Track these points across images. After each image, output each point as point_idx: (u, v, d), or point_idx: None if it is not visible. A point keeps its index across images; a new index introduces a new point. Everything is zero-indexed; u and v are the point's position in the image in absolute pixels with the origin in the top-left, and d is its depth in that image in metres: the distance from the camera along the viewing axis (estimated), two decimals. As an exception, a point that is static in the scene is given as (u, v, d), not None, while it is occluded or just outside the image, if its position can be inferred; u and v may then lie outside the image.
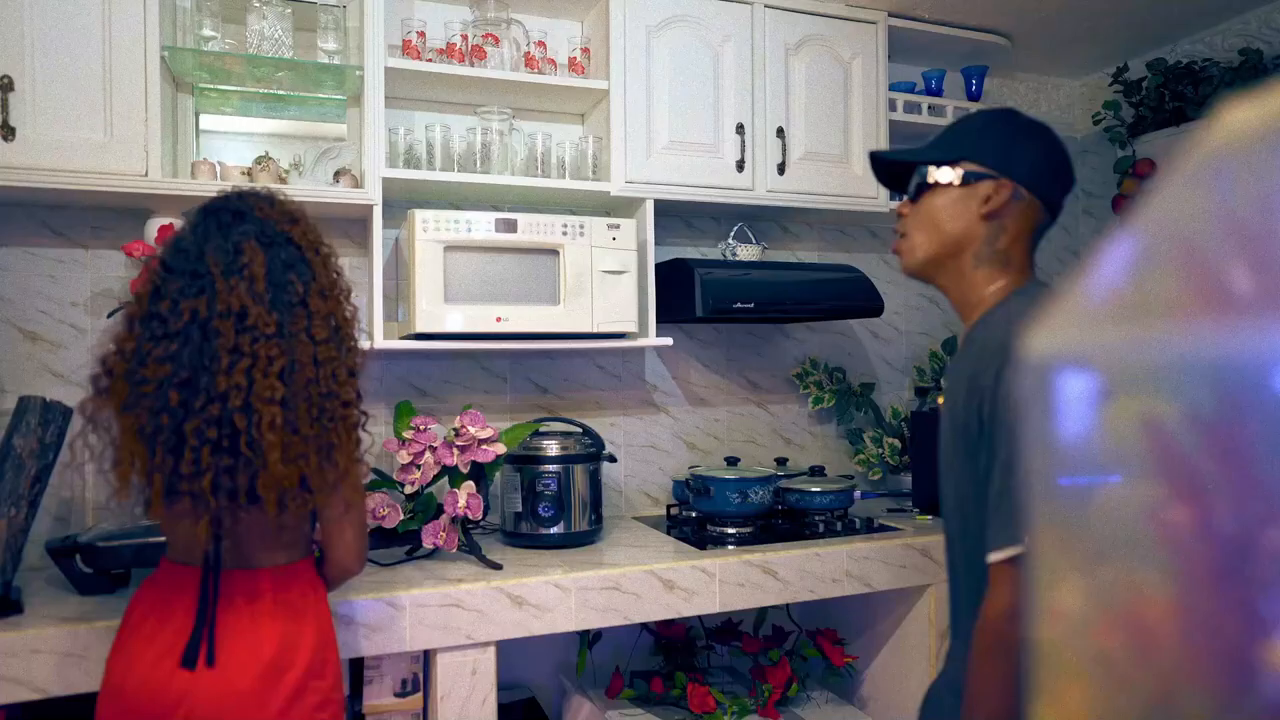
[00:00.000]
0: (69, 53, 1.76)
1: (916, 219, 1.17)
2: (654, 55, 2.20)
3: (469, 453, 1.82)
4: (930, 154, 1.17)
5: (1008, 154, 1.13)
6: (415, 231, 1.90)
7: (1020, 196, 1.12)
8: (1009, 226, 1.12)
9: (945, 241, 1.14)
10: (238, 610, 1.26)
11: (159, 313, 1.15)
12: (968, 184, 1.13)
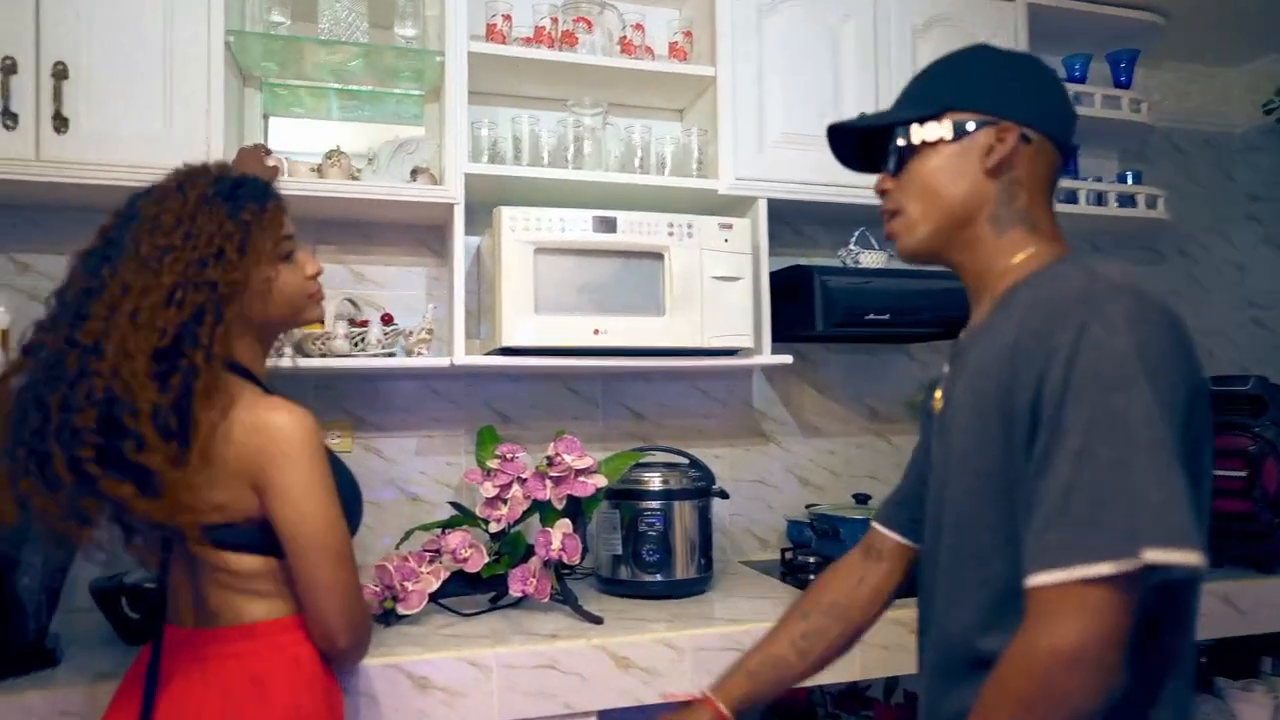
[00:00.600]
0: (127, 37, 1.59)
1: (906, 190, 0.96)
2: (765, 37, 1.95)
3: (564, 485, 1.55)
4: (906, 111, 0.96)
5: (1000, 92, 0.92)
6: (502, 231, 1.66)
7: (1028, 139, 0.92)
8: (1023, 179, 0.92)
9: (949, 209, 0.93)
10: (180, 683, 1.05)
11: None
12: (961, 137, 0.92)
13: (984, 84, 0.93)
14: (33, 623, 1.34)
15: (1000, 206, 0.92)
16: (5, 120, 1.52)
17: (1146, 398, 0.73)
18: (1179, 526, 0.70)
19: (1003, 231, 0.93)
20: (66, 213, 1.78)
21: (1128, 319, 0.75)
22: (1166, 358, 0.76)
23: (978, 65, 0.95)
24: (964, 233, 0.94)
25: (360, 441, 1.94)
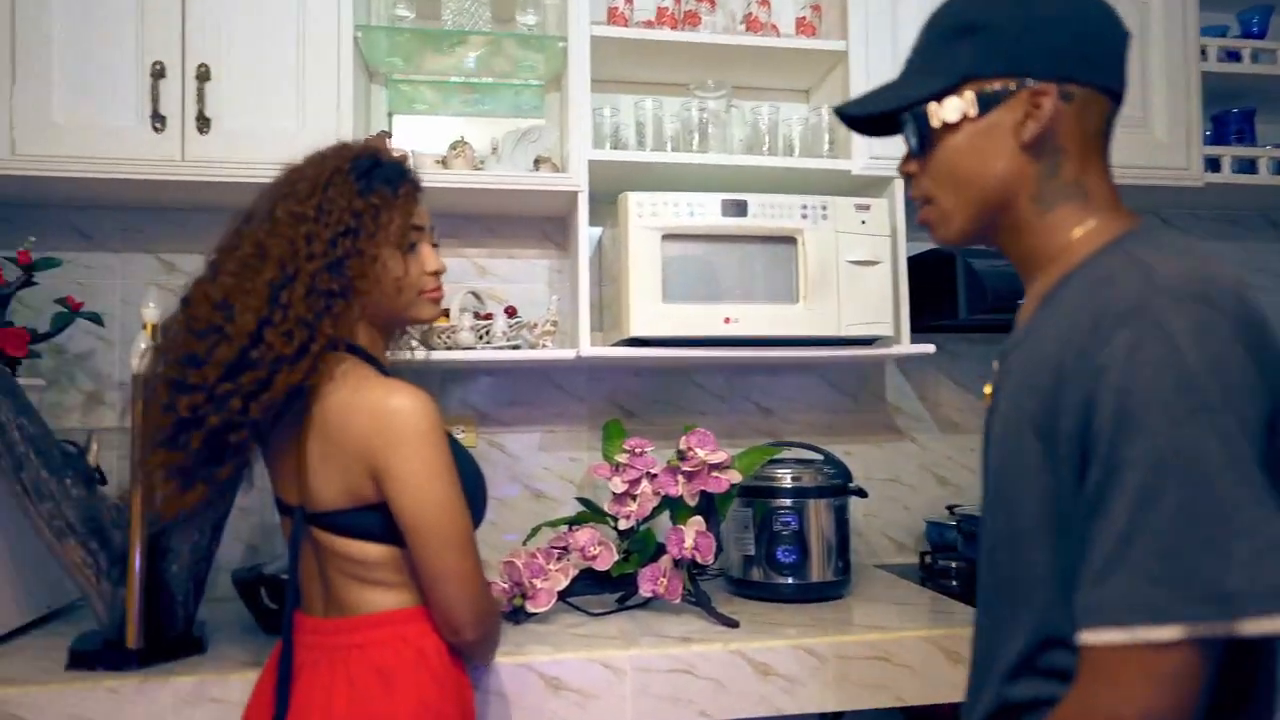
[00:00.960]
0: (263, 36, 1.62)
1: (935, 176, 0.81)
2: (900, 7, 1.83)
3: (697, 481, 1.48)
4: (920, 86, 0.80)
5: (1027, 42, 0.75)
6: (629, 217, 1.61)
7: (1070, 96, 0.75)
8: (1069, 146, 0.76)
9: (985, 196, 0.79)
10: (310, 674, 1.03)
11: None
12: (988, 110, 0.77)
13: (1005, 35, 0.76)
14: (181, 610, 1.37)
15: (1043, 183, 0.77)
16: (154, 123, 1.57)
17: (1227, 428, 0.60)
18: (1276, 587, 0.58)
19: (1049, 209, 0.78)
20: (208, 213, 1.84)
21: (1195, 332, 0.62)
22: (1246, 374, 0.62)
23: (1002, 9, 0.77)
24: (1006, 216, 0.79)
25: (484, 436, 1.92)
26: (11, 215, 1.78)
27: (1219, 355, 0.62)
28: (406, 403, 1.00)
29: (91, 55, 1.57)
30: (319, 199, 1.02)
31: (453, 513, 1.02)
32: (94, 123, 1.56)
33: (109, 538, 1.33)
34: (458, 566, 1.01)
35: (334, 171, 1.05)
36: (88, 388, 1.82)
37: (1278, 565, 0.58)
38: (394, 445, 0.99)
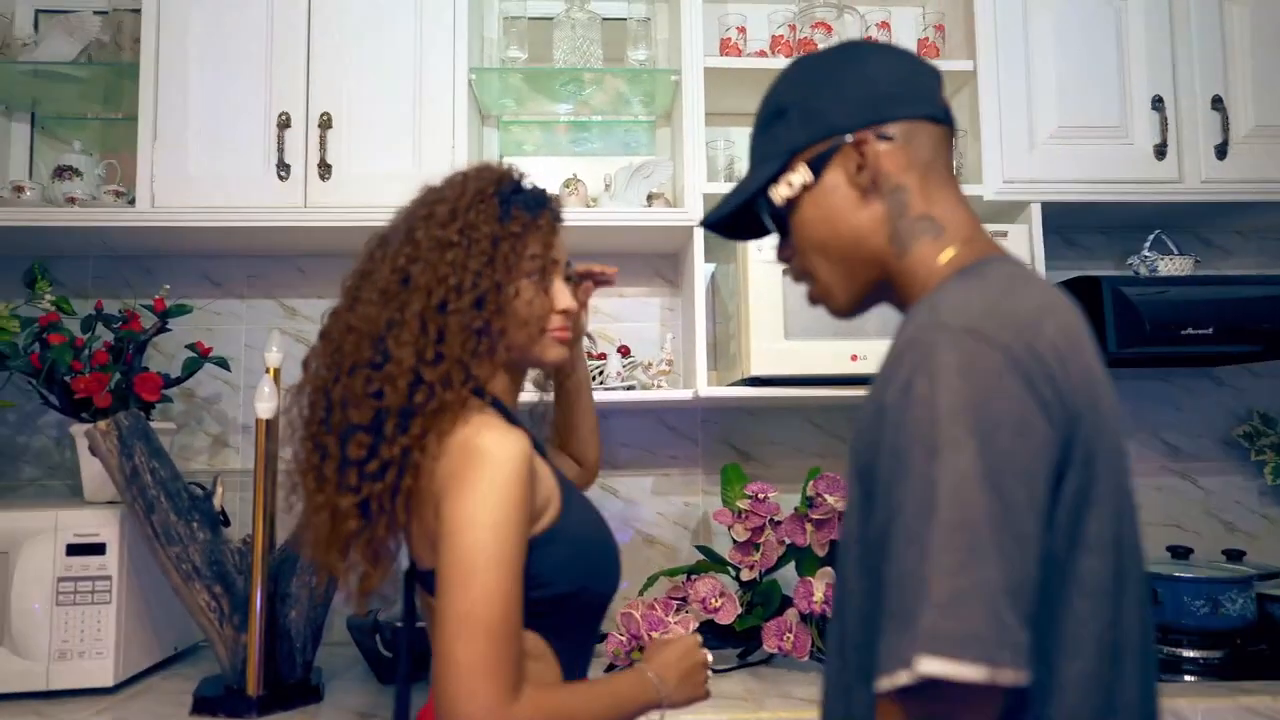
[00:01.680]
0: (382, 85, 1.64)
1: (804, 253, 0.81)
2: (1032, 23, 1.72)
3: (827, 529, 1.39)
4: (758, 178, 0.80)
5: (833, 104, 0.77)
6: (748, 251, 1.54)
7: (888, 136, 0.75)
8: (905, 181, 0.75)
9: (848, 252, 0.77)
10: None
11: None
12: (821, 172, 0.77)
13: (811, 105, 0.77)
14: (300, 657, 1.36)
15: (894, 224, 0.75)
16: (280, 171, 1.61)
17: (964, 465, 0.57)
18: (962, 632, 0.53)
19: (907, 249, 0.75)
20: (327, 259, 1.88)
21: (960, 367, 0.60)
22: (1015, 408, 0.59)
23: (798, 89, 0.79)
24: (877, 271, 0.77)
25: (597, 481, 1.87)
26: (151, 265, 1.86)
27: (981, 389, 0.59)
28: (490, 442, 0.84)
29: (223, 109, 1.62)
30: (461, 223, 0.93)
31: (472, 582, 0.79)
32: (224, 173, 1.61)
33: (232, 582, 1.33)
34: (455, 652, 0.77)
35: (476, 194, 0.95)
36: (214, 430, 1.87)
37: (971, 610, 0.54)
38: (452, 481, 0.83)
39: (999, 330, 0.61)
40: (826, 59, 0.80)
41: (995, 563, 0.55)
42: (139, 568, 1.43)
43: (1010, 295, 0.66)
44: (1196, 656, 1.47)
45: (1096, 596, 0.63)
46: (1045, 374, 0.61)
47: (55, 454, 1.85)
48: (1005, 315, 0.63)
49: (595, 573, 0.93)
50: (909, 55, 0.80)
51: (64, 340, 1.46)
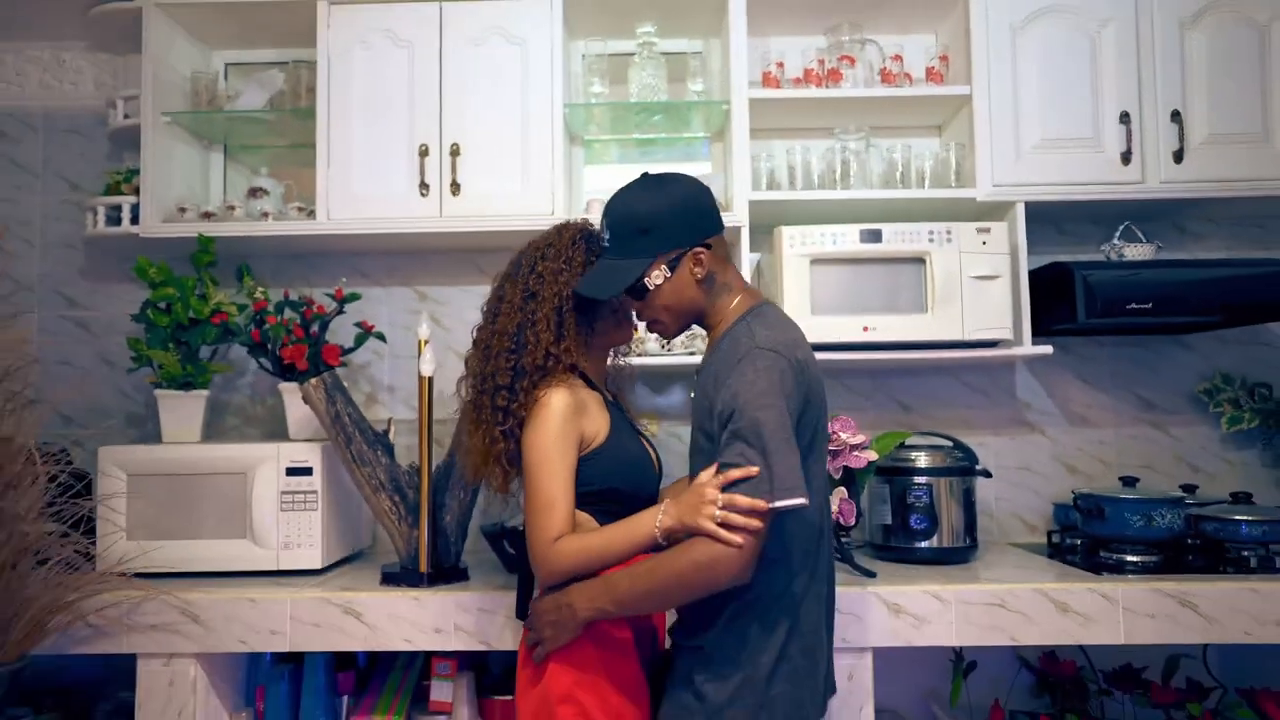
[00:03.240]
0: (497, 121, 2.12)
1: (655, 311, 1.41)
2: (1020, 52, 2.10)
3: (841, 458, 1.83)
4: (633, 271, 1.36)
5: (681, 228, 1.35)
6: (782, 247, 1.99)
7: (709, 245, 1.37)
8: (715, 269, 1.38)
9: (686, 311, 1.41)
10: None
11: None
12: (675, 269, 1.37)
13: (667, 228, 1.34)
14: (452, 549, 1.87)
15: (713, 292, 1.39)
16: (421, 190, 2.10)
17: (774, 414, 1.20)
18: (791, 484, 1.17)
19: (715, 301, 1.40)
20: (451, 254, 2.38)
21: (765, 369, 1.23)
22: (788, 387, 1.23)
23: (656, 215, 1.35)
24: (697, 316, 1.42)
25: (665, 428, 2.35)
26: (320, 263, 2.39)
27: (773, 379, 1.22)
28: (547, 396, 1.35)
29: (378, 142, 2.12)
30: (565, 257, 1.44)
31: (536, 479, 1.32)
32: (380, 192, 2.12)
33: (405, 494, 1.85)
34: (529, 520, 1.33)
35: (572, 240, 1.46)
36: (366, 390, 2.40)
37: (794, 473, 1.18)
38: (528, 422, 1.36)
39: (785, 349, 1.26)
40: (664, 190, 1.37)
41: (791, 452, 1.19)
42: (334, 486, 1.97)
43: (782, 330, 1.31)
44: (1135, 559, 1.88)
45: (817, 491, 1.30)
46: (799, 373, 1.25)
47: (249, 407, 2.41)
48: (782, 342, 1.27)
49: (626, 477, 1.43)
50: (702, 185, 1.40)
51: (276, 321, 1.99)
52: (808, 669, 1.28)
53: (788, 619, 1.27)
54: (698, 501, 1.21)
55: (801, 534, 1.29)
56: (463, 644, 1.73)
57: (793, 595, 1.28)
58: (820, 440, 1.33)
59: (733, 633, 1.27)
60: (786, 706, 1.25)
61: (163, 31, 2.19)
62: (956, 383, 2.35)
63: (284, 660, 1.94)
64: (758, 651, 1.26)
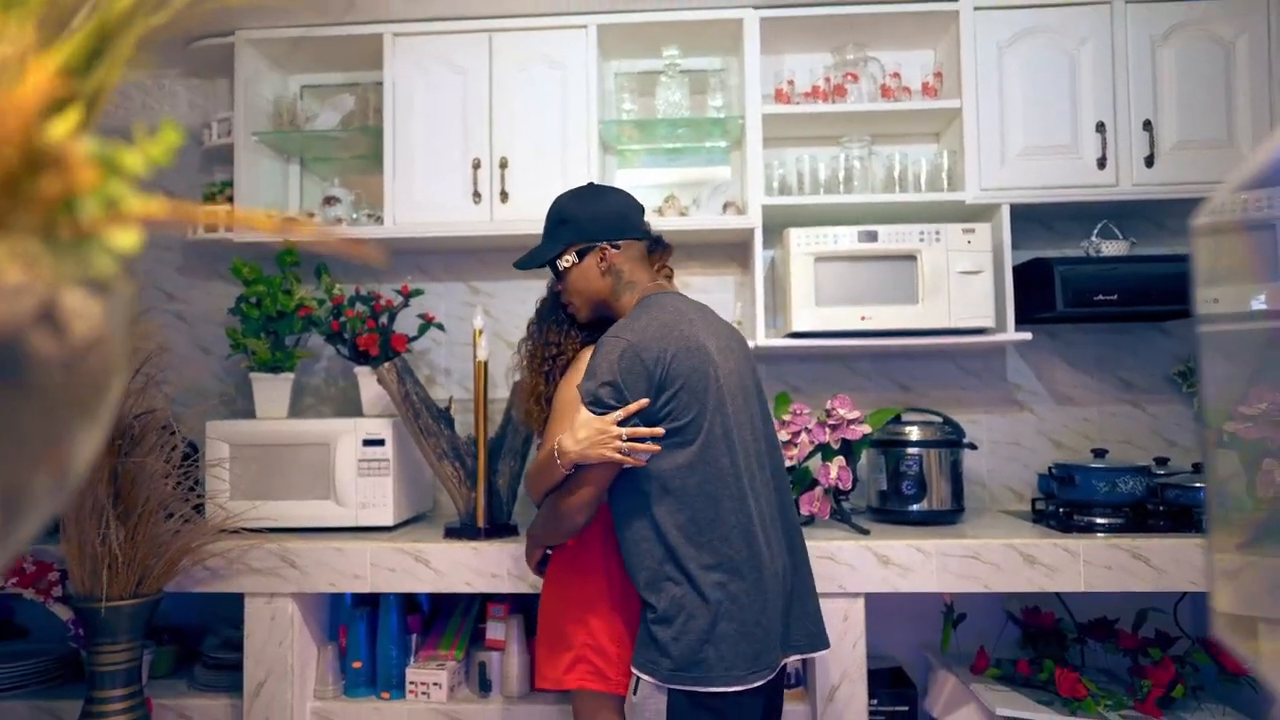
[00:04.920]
0: (540, 136, 2.42)
1: (568, 292, 1.69)
2: (1005, 69, 2.35)
3: (839, 431, 2.11)
4: (549, 252, 1.67)
5: (592, 224, 1.64)
6: (790, 247, 2.26)
7: (617, 245, 1.64)
8: (623, 267, 1.64)
9: (592, 299, 1.67)
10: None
11: None
12: (583, 258, 1.65)
13: (582, 222, 1.64)
14: (504, 508, 2.19)
15: (616, 286, 1.65)
16: (474, 198, 2.41)
17: (591, 384, 1.50)
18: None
19: (619, 296, 1.66)
20: (500, 253, 2.68)
21: (614, 348, 1.50)
22: (634, 366, 1.49)
23: (576, 210, 1.65)
24: (603, 306, 1.68)
25: (688, 406, 2.63)
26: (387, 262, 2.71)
27: (614, 357, 1.49)
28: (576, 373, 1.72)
29: (437, 156, 2.43)
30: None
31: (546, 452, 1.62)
32: (439, 200, 2.43)
33: (464, 461, 2.17)
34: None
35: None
36: (424, 373, 2.72)
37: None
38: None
39: (631, 334, 1.51)
40: (592, 195, 1.69)
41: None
42: (402, 455, 2.29)
43: (648, 323, 1.53)
44: (1102, 521, 2.14)
45: (714, 471, 1.52)
46: (650, 356, 1.49)
47: (324, 388, 2.74)
48: (636, 331, 1.52)
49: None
50: (631, 199, 1.70)
51: (353, 314, 2.31)
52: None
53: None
54: (603, 437, 1.47)
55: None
56: (512, 586, 2.04)
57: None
58: (707, 421, 1.50)
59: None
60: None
61: (250, 62, 2.52)
62: (952, 366, 2.61)
63: (361, 604, 2.28)
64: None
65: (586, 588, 1.67)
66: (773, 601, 1.50)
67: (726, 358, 1.58)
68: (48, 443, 0.29)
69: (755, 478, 1.56)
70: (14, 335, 0.27)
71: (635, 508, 1.52)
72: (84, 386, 0.30)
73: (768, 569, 1.50)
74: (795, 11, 2.41)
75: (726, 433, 1.52)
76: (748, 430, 1.58)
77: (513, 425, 2.20)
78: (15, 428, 0.27)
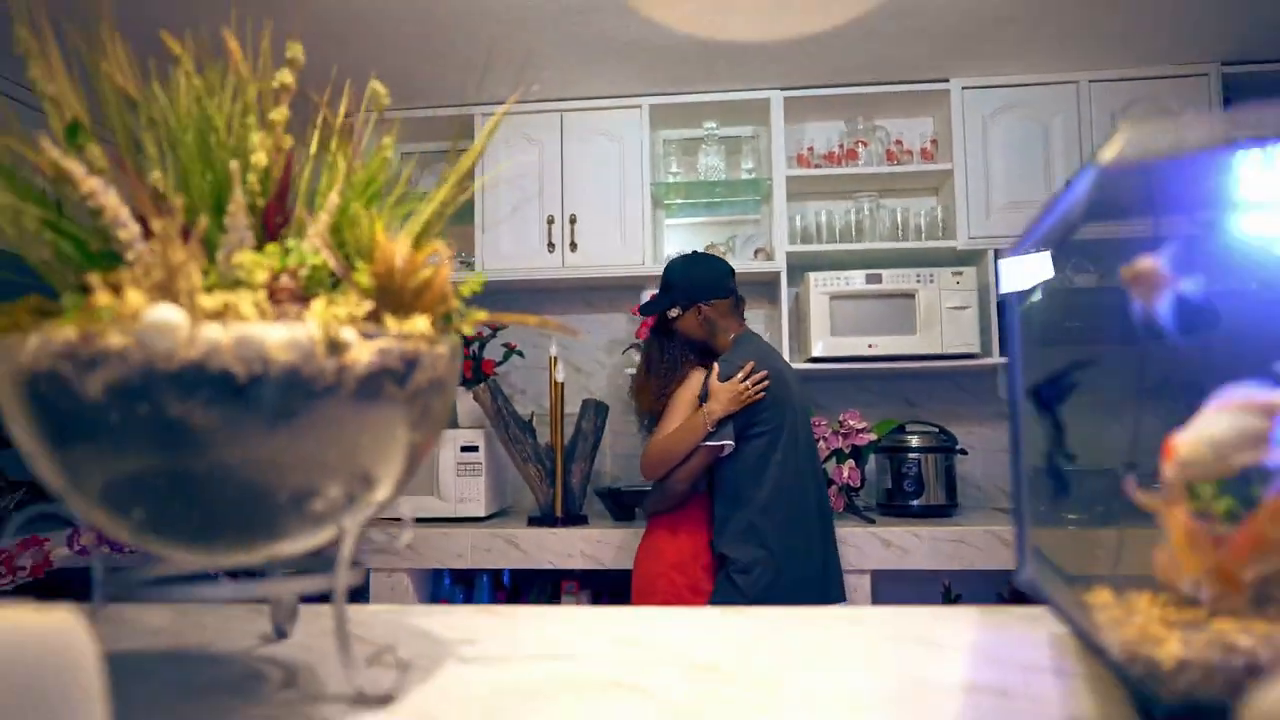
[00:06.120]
0: (603, 196, 2.94)
1: (678, 332, 2.22)
2: (990, 137, 2.82)
3: (849, 438, 2.58)
4: (662, 305, 2.23)
5: (687, 291, 2.18)
6: (810, 288, 2.74)
7: (710, 303, 2.18)
8: (715, 319, 2.18)
9: (694, 339, 2.20)
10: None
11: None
12: (685, 312, 2.19)
13: (680, 288, 2.18)
14: (577, 502, 2.69)
15: (712, 330, 2.18)
16: (548, 249, 2.93)
17: (726, 373, 2.09)
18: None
19: (716, 336, 2.19)
20: (569, 293, 3.20)
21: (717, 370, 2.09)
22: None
23: (678, 277, 2.20)
24: (706, 342, 2.19)
25: (726, 419, 3.11)
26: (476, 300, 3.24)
27: (730, 371, 2.10)
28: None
29: (517, 213, 2.96)
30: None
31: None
32: (519, 250, 2.96)
33: (544, 463, 2.67)
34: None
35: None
36: (506, 391, 3.23)
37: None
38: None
39: (734, 359, 2.11)
40: (694, 262, 2.26)
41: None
42: (492, 459, 2.81)
43: (744, 352, 2.12)
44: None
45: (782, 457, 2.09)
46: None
47: (420, 406, 3.27)
48: (738, 357, 2.10)
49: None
50: (723, 265, 2.24)
51: (452, 343, 2.84)
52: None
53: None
54: (736, 394, 2.03)
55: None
56: (584, 564, 2.53)
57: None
58: (786, 428, 2.08)
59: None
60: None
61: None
62: (950, 385, 3.06)
63: (458, 582, 2.78)
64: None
65: (680, 552, 2.16)
66: (814, 565, 2.07)
67: (794, 383, 2.16)
68: (428, 438, 0.77)
69: (812, 473, 2.13)
70: (442, 375, 0.76)
71: (730, 486, 2.07)
72: (448, 403, 0.79)
73: (816, 543, 2.08)
74: (814, 92, 2.91)
75: (794, 438, 2.08)
76: (804, 437, 2.13)
77: (582, 434, 2.70)
78: (440, 417, 0.76)
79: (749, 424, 2.06)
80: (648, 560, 2.18)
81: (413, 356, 0.56)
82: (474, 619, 0.78)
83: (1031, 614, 0.75)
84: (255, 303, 0.52)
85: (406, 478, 0.60)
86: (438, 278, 0.69)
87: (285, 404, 0.49)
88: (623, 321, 3.18)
